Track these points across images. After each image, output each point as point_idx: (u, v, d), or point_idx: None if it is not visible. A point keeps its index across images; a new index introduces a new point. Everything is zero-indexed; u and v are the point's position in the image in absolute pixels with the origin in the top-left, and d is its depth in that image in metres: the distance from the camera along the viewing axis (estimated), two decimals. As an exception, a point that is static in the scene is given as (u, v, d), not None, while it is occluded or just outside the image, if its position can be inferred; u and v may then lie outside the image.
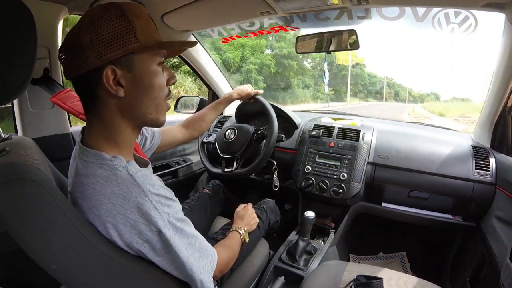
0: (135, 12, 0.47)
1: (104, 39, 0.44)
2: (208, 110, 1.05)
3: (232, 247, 0.72)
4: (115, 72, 0.46)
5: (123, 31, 0.46)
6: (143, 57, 0.48)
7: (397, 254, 1.39)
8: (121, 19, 0.46)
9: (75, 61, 0.45)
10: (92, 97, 0.48)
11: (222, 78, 1.64)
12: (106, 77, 0.45)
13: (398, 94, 27.11)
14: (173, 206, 0.50)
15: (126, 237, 0.45)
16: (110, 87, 0.46)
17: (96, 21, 0.45)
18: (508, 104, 0.95)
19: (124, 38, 0.46)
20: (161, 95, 0.52)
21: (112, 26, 0.45)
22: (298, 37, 1.21)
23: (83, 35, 0.44)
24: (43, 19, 0.91)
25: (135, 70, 0.48)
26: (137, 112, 0.50)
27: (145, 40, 0.47)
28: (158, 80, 0.51)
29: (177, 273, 0.51)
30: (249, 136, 1.15)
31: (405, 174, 1.08)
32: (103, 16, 0.45)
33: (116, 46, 0.45)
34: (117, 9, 0.46)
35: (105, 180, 0.45)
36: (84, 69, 0.45)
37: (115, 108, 0.49)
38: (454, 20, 0.96)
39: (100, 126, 0.50)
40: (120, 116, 0.50)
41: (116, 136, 0.50)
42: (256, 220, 0.91)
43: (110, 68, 0.45)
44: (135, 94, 0.49)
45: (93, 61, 0.45)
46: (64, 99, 0.89)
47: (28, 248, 0.39)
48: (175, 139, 0.96)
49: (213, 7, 1.03)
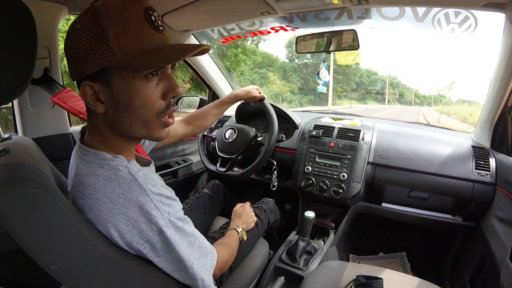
0: (115, 14, 0.40)
1: (80, 51, 0.41)
2: (211, 107, 1.02)
3: (230, 245, 0.72)
4: (93, 88, 0.43)
5: (96, 42, 0.40)
6: (122, 71, 0.42)
7: (397, 254, 1.39)
8: (94, 26, 0.40)
9: (68, 68, 0.45)
10: (86, 103, 0.47)
11: (222, 78, 1.64)
12: (83, 93, 0.43)
13: (403, 95, 25.19)
14: (174, 205, 0.50)
15: (127, 237, 0.45)
16: (87, 103, 0.44)
17: (76, 29, 0.41)
18: (508, 104, 0.94)
19: (97, 51, 0.40)
20: (148, 112, 0.45)
21: (86, 35, 0.40)
22: (298, 37, 1.22)
23: (67, 44, 0.43)
24: (43, 19, 0.91)
25: (113, 87, 0.43)
26: (122, 128, 0.47)
27: (124, 51, 0.40)
28: (142, 97, 0.44)
29: (177, 274, 0.50)
30: (248, 140, 1.16)
31: (405, 174, 1.08)
32: (80, 22, 0.40)
33: (90, 60, 0.40)
34: (92, 13, 0.40)
35: (106, 179, 0.45)
36: (75, 77, 0.45)
37: (104, 120, 0.47)
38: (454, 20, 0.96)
39: (96, 131, 0.50)
40: (110, 128, 0.48)
41: (111, 142, 0.49)
42: (254, 218, 0.91)
43: (86, 84, 0.43)
44: (115, 111, 0.45)
45: (73, 74, 0.44)
46: (64, 99, 0.89)
47: (28, 248, 0.39)
48: (175, 133, 0.94)
49: (213, 7, 1.03)
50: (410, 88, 25.56)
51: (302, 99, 15.04)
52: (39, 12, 0.87)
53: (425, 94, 26.37)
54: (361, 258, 1.39)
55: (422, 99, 24.99)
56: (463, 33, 0.96)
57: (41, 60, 0.95)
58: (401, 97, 24.97)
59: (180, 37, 1.32)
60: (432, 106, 22.76)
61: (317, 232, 1.18)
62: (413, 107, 22.53)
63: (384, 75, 23.70)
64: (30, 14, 0.45)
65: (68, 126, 1.08)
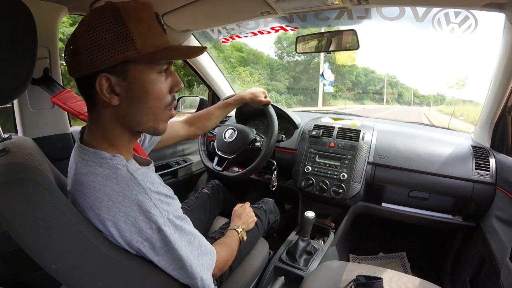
0: (135, 15, 0.44)
1: (99, 44, 0.42)
2: (215, 109, 1.00)
3: (230, 245, 0.72)
4: (109, 80, 0.45)
5: (118, 37, 0.43)
6: (139, 65, 0.46)
7: (397, 254, 1.39)
8: (116, 23, 0.43)
9: (73, 63, 0.45)
10: (90, 100, 0.48)
11: (222, 79, 1.64)
12: (99, 86, 0.44)
13: (402, 95, 24.00)
14: (172, 204, 0.50)
15: (126, 236, 0.45)
16: (103, 95, 0.45)
17: (92, 24, 0.43)
18: (508, 104, 0.94)
19: (119, 45, 0.43)
20: (159, 104, 0.49)
21: (107, 31, 0.42)
22: (298, 37, 1.22)
23: (79, 38, 0.43)
24: (43, 19, 0.91)
25: (130, 79, 0.46)
26: (132, 120, 0.49)
27: (143, 47, 0.44)
28: (156, 89, 0.48)
29: (176, 273, 0.51)
30: (247, 142, 1.16)
31: (405, 174, 1.08)
32: (99, 19, 0.43)
33: (110, 53, 0.43)
34: (113, 12, 0.43)
35: (105, 178, 0.45)
36: (80, 73, 0.45)
37: (112, 115, 0.48)
38: (454, 20, 0.96)
39: (98, 128, 0.50)
40: (116, 122, 0.49)
41: (113, 139, 0.50)
42: (254, 219, 0.91)
43: (103, 76, 0.44)
44: (130, 103, 0.47)
45: (86, 67, 0.44)
46: (64, 99, 0.89)
47: (28, 248, 0.39)
48: (176, 134, 0.94)
49: (213, 7, 1.03)
50: (409, 87, 24.64)
51: (290, 99, 14.18)
52: (39, 12, 0.87)
53: (424, 94, 25.35)
54: (361, 258, 1.39)
55: (422, 99, 24.07)
56: (463, 33, 0.96)
57: (41, 60, 0.95)
58: (400, 97, 23.92)
59: (180, 37, 1.32)
60: (432, 106, 21.96)
61: (317, 232, 1.18)
62: (412, 107, 21.73)
63: (382, 74, 22.58)
64: (30, 14, 0.45)
65: (68, 126, 1.08)
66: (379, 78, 22.48)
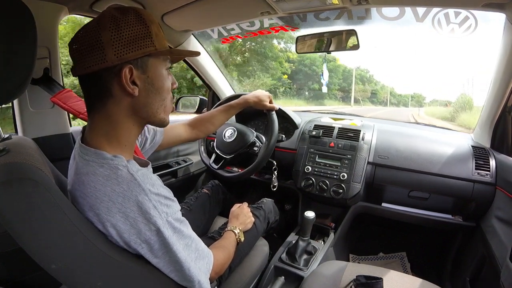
0: (150, 19, 0.50)
1: (124, 39, 0.47)
2: (218, 112, 0.99)
3: (227, 247, 0.72)
4: (131, 72, 0.48)
5: (142, 35, 0.49)
6: (156, 61, 0.51)
7: (397, 254, 1.39)
8: (140, 23, 0.49)
9: (91, 56, 0.46)
10: (103, 94, 0.49)
11: (223, 79, 1.64)
12: (124, 76, 0.47)
13: (376, 93, 19.99)
14: (172, 206, 0.50)
15: (125, 237, 0.45)
16: (127, 86, 0.48)
17: (118, 22, 0.47)
18: (508, 104, 0.94)
19: (142, 41, 0.48)
20: (168, 97, 0.55)
21: (132, 28, 0.48)
22: (298, 37, 1.22)
23: (104, 33, 0.46)
24: (43, 19, 0.91)
25: (149, 72, 0.50)
26: (147, 111, 0.52)
27: (158, 46, 0.51)
28: (167, 83, 0.54)
29: (174, 275, 0.51)
30: (245, 145, 1.16)
31: (405, 174, 1.08)
32: (124, 18, 0.47)
33: (135, 47, 0.48)
34: (136, 14, 0.49)
35: (105, 178, 0.45)
36: (101, 65, 0.46)
37: (127, 106, 0.50)
38: (454, 20, 0.96)
39: (105, 125, 0.50)
40: (130, 115, 0.51)
41: (120, 134, 0.51)
42: (252, 219, 0.91)
43: (128, 67, 0.47)
44: (147, 94, 0.51)
45: (111, 59, 0.46)
46: (64, 99, 0.89)
47: (28, 248, 0.39)
48: (178, 137, 0.94)
49: (213, 7, 1.03)
50: (385, 85, 20.06)
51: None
52: (39, 12, 0.87)
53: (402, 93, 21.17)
54: (361, 258, 1.39)
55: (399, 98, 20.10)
56: (463, 33, 0.96)
57: (41, 60, 0.94)
58: (374, 95, 19.86)
59: (180, 37, 1.32)
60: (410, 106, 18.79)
61: (317, 232, 1.18)
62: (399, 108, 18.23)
63: (350, 67, 17.15)
64: (31, 14, 0.45)
65: (68, 126, 1.08)
66: (345, 71, 16.96)
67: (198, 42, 1.45)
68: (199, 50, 1.46)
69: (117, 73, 0.47)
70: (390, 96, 21.34)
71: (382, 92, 21.07)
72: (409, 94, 23.24)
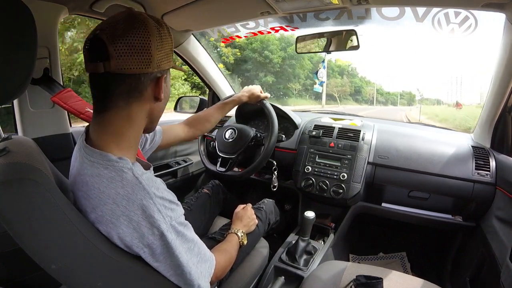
0: (171, 34, 0.54)
1: (165, 50, 0.51)
2: (214, 110, 1.03)
3: (229, 251, 0.72)
4: (164, 81, 0.52)
5: (171, 48, 0.54)
6: (168, 72, 0.56)
7: (397, 254, 1.39)
8: (171, 37, 0.53)
9: (136, 59, 0.46)
10: (132, 94, 0.49)
11: (222, 78, 1.64)
12: (162, 83, 0.52)
13: (360, 91, 16.51)
14: (176, 210, 0.50)
15: (127, 240, 0.45)
16: (160, 91, 0.52)
17: (160, 32, 0.50)
18: (508, 104, 0.94)
19: (171, 55, 0.54)
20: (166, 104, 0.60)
21: (168, 41, 0.52)
22: (298, 37, 1.22)
23: (153, 39, 0.48)
24: (43, 19, 0.91)
25: (168, 82, 0.56)
26: (157, 115, 0.57)
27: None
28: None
29: (174, 279, 0.51)
30: (248, 140, 1.16)
31: (405, 174, 1.08)
32: (162, 30, 0.51)
33: (169, 59, 0.53)
34: (167, 28, 0.53)
35: (109, 181, 0.45)
36: (142, 70, 0.47)
37: (148, 109, 0.53)
38: (454, 20, 0.96)
39: (121, 123, 0.49)
40: (146, 117, 0.53)
41: (132, 135, 0.52)
42: (255, 221, 0.91)
43: (164, 76, 0.52)
44: (164, 101, 0.56)
45: (153, 66, 0.49)
46: (64, 98, 0.88)
47: (28, 248, 0.39)
48: (176, 137, 0.96)
49: (213, 7, 1.03)
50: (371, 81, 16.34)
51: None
52: (39, 12, 0.87)
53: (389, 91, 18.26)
54: (361, 258, 1.39)
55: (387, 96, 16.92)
56: (463, 33, 0.96)
57: (41, 60, 0.95)
58: (358, 92, 16.34)
59: (180, 37, 1.32)
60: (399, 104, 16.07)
61: (317, 232, 1.18)
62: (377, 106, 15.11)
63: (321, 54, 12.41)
64: (31, 14, 0.45)
65: (68, 126, 1.08)
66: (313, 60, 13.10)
67: (198, 42, 1.45)
68: (199, 50, 1.46)
69: (155, 80, 0.50)
70: (377, 94, 18.73)
71: (367, 89, 18.50)
72: (398, 92, 21.96)
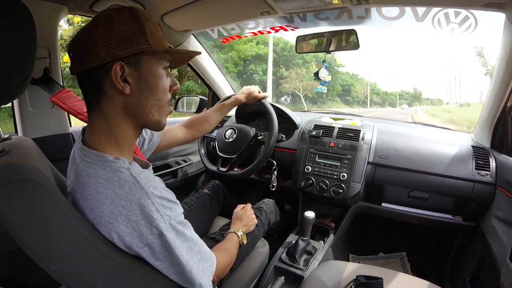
0: (146, 17, 0.50)
1: (117, 37, 0.46)
2: (212, 111, 1.03)
3: (230, 250, 0.72)
4: (123, 69, 0.47)
5: (135, 32, 0.48)
6: (151, 59, 0.50)
7: (397, 254, 1.39)
8: (134, 21, 0.48)
9: (85, 54, 0.46)
10: (97, 92, 0.49)
11: (223, 79, 1.64)
12: (114, 73, 0.46)
13: (350, 90, 14.13)
14: (174, 209, 0.50)
15: (126, 240, 0.45)
16: (117, 83, 0.47)
17: (111, 19, 0.47)
18: (508, 104, 0.94)
19: (135, 39, 0.48)
20: (165, 98, 0.53)
21: (125, 26, 0.47)
22: (298, 37, 1.21)
23: (97, 30, 0.46)
24: (43, 19, 0.91)
25: (142, 70, 0.49)
26: (140, 111, 0.51)
27: (154, 44, 0.50)
28: (163, 83, 0.52)
29: (175, 277, 0.50)
30: (248, 139, 1.15)
31: (405, 174, 1.08)
32: (118, 16, 0.47)
33: (127, 44, 0.47)
34: (131, 12, 0.49)
35: (107, 181, 0.45)
36: (93, 63, 0.46)
37: (120, 105, 0.49)
38: (454, 20, 0.96)
39: (102, 125, 0.50)
40: (123, 114, 0.50)
41: (117, 134, 0.50)
42: (255, 221, 0.91)
43: (119, 64, 0.47)
44: (140, 93, 0.50)
45: (103, 56, 0.46)
46: (63, 99, 0.89)
47: (28, 248, 0.39)
48: (176, 139, 0.96)
49: (213, 7, 1.03)
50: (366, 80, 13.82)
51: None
52: (39, 12, 0.87)
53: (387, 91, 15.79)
54: (361, 258, 1.39)
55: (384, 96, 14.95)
56: (463, 33, 0.96)
57: (41, 60, 0.94)
58: (348, 92, 14.00)
59: (180, 37, 1.32)
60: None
61: (317, 232, 1.18)
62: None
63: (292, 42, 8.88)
64: (30, 14, 0.45)
65: (68, 126, 1.08)
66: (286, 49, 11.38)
67: (198, 42, 1.45)
68: (199, 50, 1.46)
69: (109, 70, 0.46)
70: (373, 94, 15.83)
71: (359, 88, 15.60)
72: (397, 92, 20.04)
